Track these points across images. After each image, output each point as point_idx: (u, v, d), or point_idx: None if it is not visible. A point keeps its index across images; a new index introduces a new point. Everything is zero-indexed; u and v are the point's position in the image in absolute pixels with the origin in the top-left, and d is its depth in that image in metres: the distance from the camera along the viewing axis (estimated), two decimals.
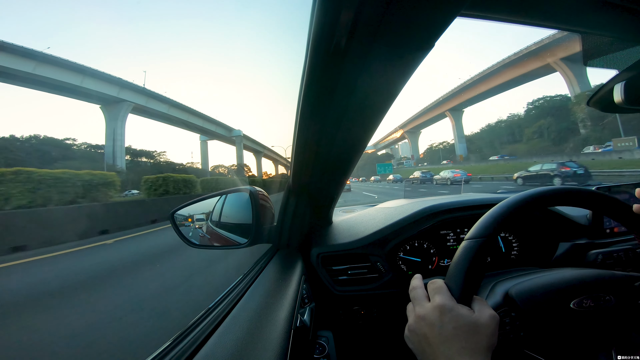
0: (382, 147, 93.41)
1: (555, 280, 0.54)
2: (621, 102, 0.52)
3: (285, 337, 0.48)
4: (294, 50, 17.61)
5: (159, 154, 51.13)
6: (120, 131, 37.46)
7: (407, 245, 0.94)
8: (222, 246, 0.93)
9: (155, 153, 50.53)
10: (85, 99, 37.16)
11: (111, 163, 35.28)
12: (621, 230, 0.96)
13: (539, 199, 0.48)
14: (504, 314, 0.50)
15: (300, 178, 0.82)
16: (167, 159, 52.02)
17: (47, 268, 4.42)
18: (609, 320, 0.50)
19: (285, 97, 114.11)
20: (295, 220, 0.94)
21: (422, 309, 0.43)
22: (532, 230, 0.94)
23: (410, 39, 0.37)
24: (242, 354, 0.41)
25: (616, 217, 0.50)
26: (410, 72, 0.43)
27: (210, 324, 0.50)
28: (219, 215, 0.93)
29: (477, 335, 0.38)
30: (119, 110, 37.59)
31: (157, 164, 47.98)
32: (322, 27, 0.35)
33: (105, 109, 38.04)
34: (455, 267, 0.44)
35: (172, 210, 0.85)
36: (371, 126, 0.58)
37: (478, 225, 0.46)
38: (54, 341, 2.14)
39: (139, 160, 47.60)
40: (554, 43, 34.48)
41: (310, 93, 0.48)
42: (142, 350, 1.89)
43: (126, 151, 41.33)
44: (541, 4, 0.41)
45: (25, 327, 2.40)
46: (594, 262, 0.83)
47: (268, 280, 0.73)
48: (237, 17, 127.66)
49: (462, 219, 0.95)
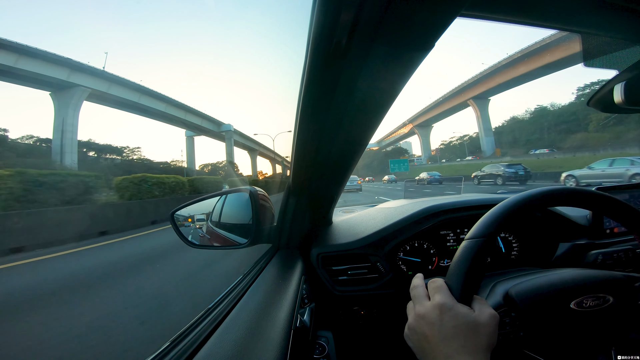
0: (387, 144, 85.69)
1: (555, 281, 0.54)
2: (621, 103, 0.52)
3: (285, 338, 0.48)
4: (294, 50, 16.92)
5: (131, 150, 45.44)
6: (71, 121, 31.21)
7: (407, 246, 0.94)
8: (222, 246, 0.93)
9: (126, 149, 44.81)
10: (29, 84, 30.32)
11: (58, 160, 29.41)
12: (621, 231, 0.96)
13: (539, 199, 0.48)
14: (504, 314, 0.50)
15: (300, 178, 0.82)
16: (143, 156, 46.80)
17: None
18: (608, 321, 0.50)
19: (285, 97, 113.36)
20: (295, 221, 0.94)
21: (422, 308, 0.43)
22: (532, 230, 0.94)
23: (410, 40, 0.37)
24: (242, 354, 0.41)
25: (616, 218, 0.49)
26: (410, 73, 0.43)
27: (210, 324, 0.50)
28: (219, 215, 0.93)
29: (477, 334, 0.38)
30: (70, 97, 31.25)
31: (126, 161, 42.20)
32: (322, 27, 0.35)
33: (55, 95, 31.60)
34: (456, 266, 0.44)
35: (172, 211, 0.85)
36: (371, 126, 0.58)
37: (478, 225, 0.46)
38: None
39: (106, 157, 41.00)
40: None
41: (310, 93, 0.48)
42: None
43: (88, 146, 36.36)
44: (541, 4, 0.41)
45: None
46: (594, 262, 0.83)
47: (268, 280, 0.73)
48: (236, 16, 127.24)
49: (462, 219, 0.95)
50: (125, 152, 45.18)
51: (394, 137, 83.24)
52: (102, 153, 41.10)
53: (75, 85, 31.38)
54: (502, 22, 0.41)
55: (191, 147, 55.99)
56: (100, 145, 41.48)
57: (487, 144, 49.11)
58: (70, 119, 31.28)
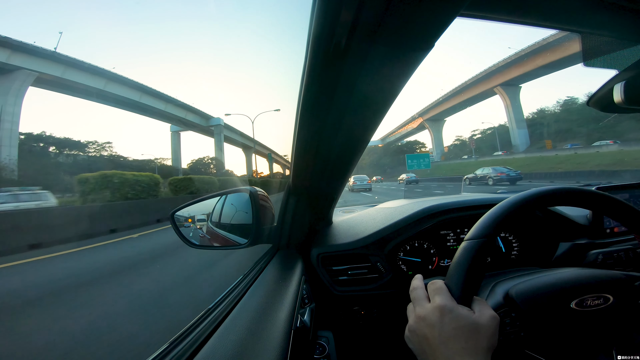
0: (392, 140, 75.95)
1: (556, 280, 0.54)
2: (621, 102, 0.52)
3: (285, 338, 0.48)
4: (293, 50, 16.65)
5: (101, 146, 37.90)
6: (12, 110, 26.15)
7: (407, 246, 0.94)
8: (222, 246, 0.93)
9: (93, 144, 37.49)
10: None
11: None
12: (621, 230, 0.96)
13: (538, 199, 0.48)
14: (505, 314, 0.50)
15: (300, 178, 0.82)
16: (115, 153, 39.62)
17: None
18: (609, 320, 0.50)
19: (285, 97, 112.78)
20: (295, 221, 0.94)
21: (423, 310, 0.43)
22: (532, 230, 0.94)
23: (410, 39, 0.37)
24: (242, 354, 0.41)
25: (616, 217, 0.49)
26: (410, 72, 0.43)
27: (210, 325, 0.50)
28: (219, 215, 0.93)
29: (478, 336, 0.38)
30: (11, 82, 26.39)
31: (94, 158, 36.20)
32: (322, 27, 0.35)
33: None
34: (455, 267, 0.44)
35: (172, 211, 0.85)
36: (371, 126, 0.58)
37: (478, 225, 0.46)
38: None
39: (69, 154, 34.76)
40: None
41: (310, 93, 0.48)
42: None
43: (44, 140, 31.16)
44: (541, 4, 0.41)
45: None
46: (594, 262, 0.83)
47: (268, 280, 0.73)
48: (236, 16, 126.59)
49: (462, 219, 0.95)
50: (92, 148, 37.78)
51: (400, 134, 74.19)
52: (64, 148, 34.68)
53: (17, 69, 26.40)
54: (502, 22, 0.41)
55: (177, 144, 48.91)
56: (57, 139, 33.49)
57: (520, 136, 40.50)
58: (10, 107, 26.19)
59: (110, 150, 39.13)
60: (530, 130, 41.58)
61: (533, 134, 41.58)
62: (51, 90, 32.01)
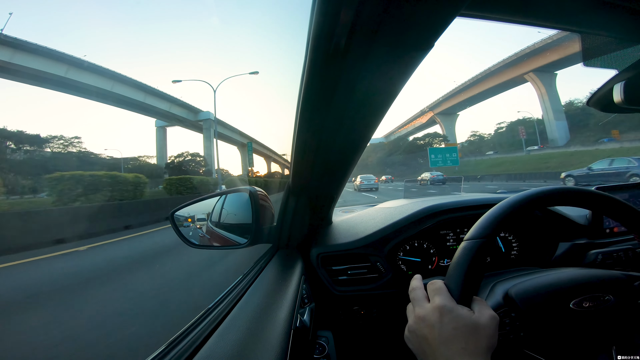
0: (399, 137, 67.24)
1: (555, 281, 0.54)
2: (621, 102, 0.52)
3: (285, 338, 0.48)
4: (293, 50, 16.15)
5: (68, 141, 32.29)
6: None
7: (407, 245, 0.94)
8: (222, 246, 0.93)
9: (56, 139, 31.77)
10: None
11: None
12: (621, 230, 0.96)
13: (538, 199, 0.48)
14: (504, 314, 0.50)
15: (300, 178, 0.82)
16: (84, 149, 33.98)
17: None
18: (609, 320, 0.50)
19: (284, 97, 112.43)
20: (295, 220, 0.94)
21: (422, 310, 0.43)
22: (532, 230, 0.94)
23: (409, 39, 0.37)
24: (242, 354, 0.41)
25: (616, 217, 0.50)
26: (410, 72, 0.43)
27: (210, 324, 0.50)
28: (218, 215, 0.93)
29: (477, 336, 0.38)
30: None
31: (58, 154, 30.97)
32: (322, 27, 0.35)
33: None
34: (455, 268, 0.44)
35: (172, 211, 0.85)
36: (371, 125, 0.58)
37: (477, 225, 0.46)
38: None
39: (27, 150, 28.77)
40: None
41: (310, 93, 0.48)
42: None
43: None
44: (541, 4, 0.41)
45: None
46: (593, 262, 0.83)
47: (268, 280, 0.73)
48: (236, 16, 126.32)
49: (462, 219, 0.95)
50: (54, 144, 31.91)
51: (407, 129, 67.07)
52: (22, 144, 29.12)
53: None
54: (502, 22, 0.41)
55: (162, 140, 43.38)
56: (9, 132, 27.88)
57: (559, 129, 35.09)
58: None
59: (79, 147, 33.59)
60: (570, 123, 35.80)
61: (572, 127, 35.58)
62: (5, 78, 27.14)
